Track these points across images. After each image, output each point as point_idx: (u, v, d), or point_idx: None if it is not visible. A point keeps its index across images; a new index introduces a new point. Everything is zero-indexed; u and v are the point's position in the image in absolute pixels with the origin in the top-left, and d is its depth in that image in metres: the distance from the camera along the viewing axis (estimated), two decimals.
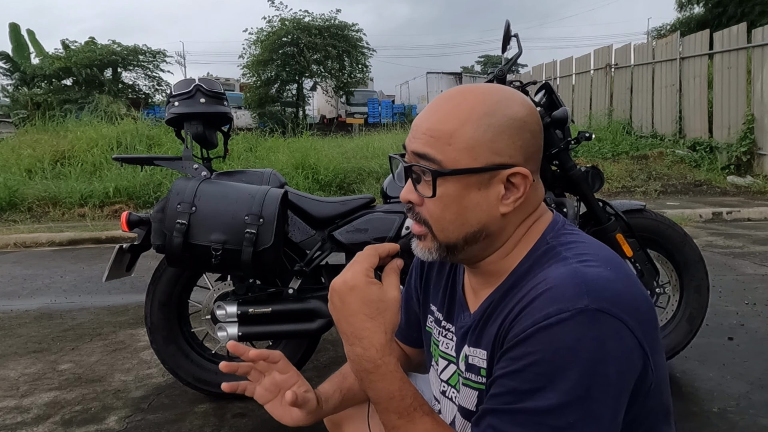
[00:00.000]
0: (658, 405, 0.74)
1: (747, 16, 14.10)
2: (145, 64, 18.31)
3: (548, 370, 0.64)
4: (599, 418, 0.64)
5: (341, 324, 0.75)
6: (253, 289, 2.01)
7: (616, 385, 0.64)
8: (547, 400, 0.64)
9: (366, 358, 0.73)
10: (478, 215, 0.74)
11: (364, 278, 0.74)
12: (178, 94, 1.99)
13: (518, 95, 0.76)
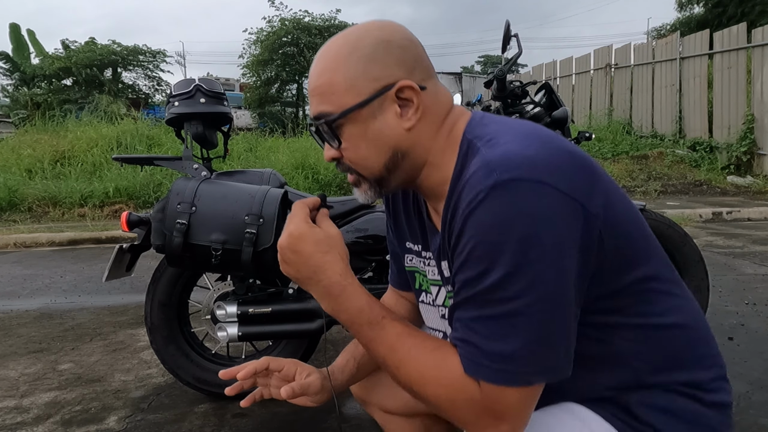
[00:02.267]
0: (631, 253, 0.74)
1: (747, 16, 14.10)
2: (145, 64, 18.31)
3: (485, 250, 0.66)
4: (546, 281, 0.64)
5: (301, 272, 0.77)
6: (253, 289, 2.01)
7: (553, 244, 0.65)
8: (492, 277, 0.65)
9: (331, 285, 0.76)
10: (387, 140, 0.77)
11: (306, 225, 0.78)
12: (178, 94, 1.99)
13: (373, 23, 0.79)
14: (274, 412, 1.99)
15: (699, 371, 0.78)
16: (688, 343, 0.77)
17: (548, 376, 0.67)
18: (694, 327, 0.79)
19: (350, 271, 0.78)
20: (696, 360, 0.78)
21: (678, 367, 0.76)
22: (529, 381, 0.67)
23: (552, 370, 0.67)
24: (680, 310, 0.78)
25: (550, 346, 0.66)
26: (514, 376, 0.66)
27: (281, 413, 1.98)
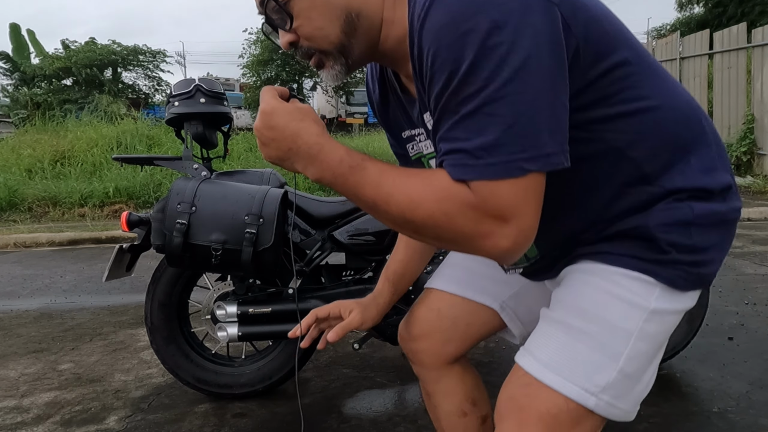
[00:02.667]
0: (603, 40, 0.71)
1: (747, 16, 14.10)
2: (145, 64, 18.31)
3: (444, 55, 0.64)
4: (512, 62, 0.61)
5: (281, 147, 0.73)
6: (253, 289, 2.01)
7: (511, 27, 0.61)
8: (458, 77, 0.63)
9: (310, 146, 0.72)
10: (336, 3, 0.75)
11: (276, 101, 0.75)
12: (178, 94, 1.99)
13: None
14: (274, 412, 2.00)
15: (699, 149, 0.77)
16: (680, 122, 0.76)
17: (540, 162, 0.63)
18: (682, 106, 0.77)
19: (326, 132, 0.74)
20: (693, 138, 0.77)
21: (677, 149, 0.76)
22: (521, 168, 0.62)
23: (543, 156, 0.63)
24: (664, 92, 0.76)
25: (534, 129, 0.62)
26: (503, 166, 0.62)
27: (281, 413, 1.98)
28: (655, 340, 0.77)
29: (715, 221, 0.77)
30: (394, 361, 2.40)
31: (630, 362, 0.75)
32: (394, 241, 2.01)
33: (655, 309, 0.76)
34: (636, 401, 0.79)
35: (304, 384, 2.21)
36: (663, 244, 0.75)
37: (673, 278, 0.76)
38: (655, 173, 0.75)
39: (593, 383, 0.74)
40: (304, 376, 2.27)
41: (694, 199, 0.76)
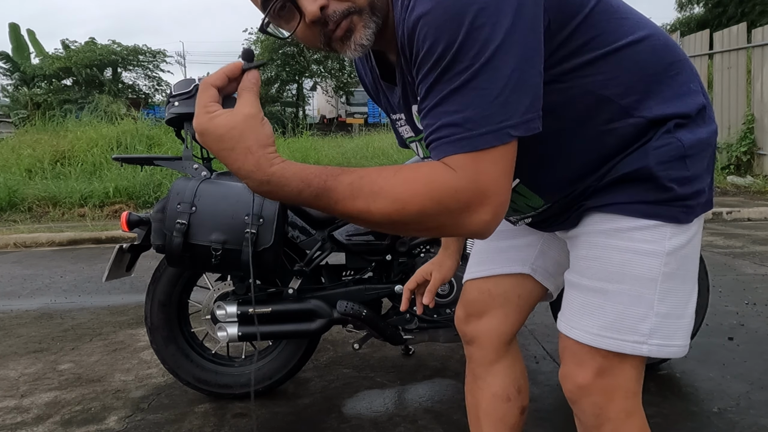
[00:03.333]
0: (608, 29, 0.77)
1: (747, 16, 14.10)
2: (145, 64, 18.33)
3: (433, 37, 0.66)
4: (495, 38, 0.65)
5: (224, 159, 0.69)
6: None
7: (494, 5, 0.65)
8: (447, 55, 0.65)
9: (255, 184, 0.67)
10: None
11: (205, 118, 0.67)
12: (178, 94, 1.99)
13: None
14: (274, 412, 2.00)
15: (670, 76, 0.81)
16: (647, 54, 0.80)
17: (522, 128, 0.67)
18: (648, 39, 0.81)
19: (268, 159, 0.66)
20: (663, 67, 0.81)
21: (648, 80, 0.80)
22: (508, 135, 0.66)
23: (524, 122, 0.67)
24: (629, 29, 0.80)
25: (516, 98, 0.66)
26: (493, 135, 0.65)
27: (281, 413, 1.98)
28: (679, 275, 0.82)
29: (703, 147, 0.82)
30: (394, 361, 2.40)
31: (663, 303, 0.81)
32: (394, 242, 2.02)
33: (671, 250, 0.81)
34: (686, 334, 0.84)
35: (305, 384, 2.21)
36: (665, 181, 0.79)
37: (677, 215, 0.81)
38: (632, 105, 0.79)
39: (640, 333, 0.80)
40: (304, 376, 2.27)
41: (679, 129, 0.80)
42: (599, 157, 0.82)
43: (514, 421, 1.13)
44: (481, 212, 0.67)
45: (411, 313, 2.02)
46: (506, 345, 1.12)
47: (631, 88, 0.79)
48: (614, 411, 0.83)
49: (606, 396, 0.83)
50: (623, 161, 0.81)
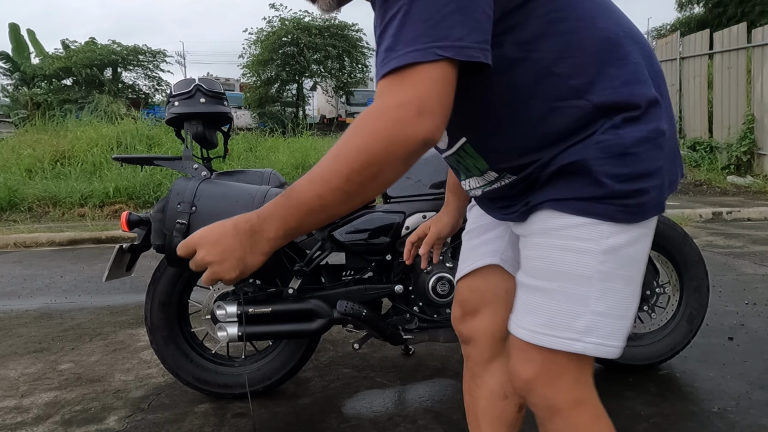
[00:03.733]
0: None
1: (747, 16, 14.10)
2: (145, 64, 18.32)
3: None
4: None
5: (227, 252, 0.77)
6: (253, 289, 2.01)
7: None
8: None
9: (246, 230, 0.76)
10: None
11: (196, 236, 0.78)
12: (178, 94, 1.99)
13: None
14: (274, 411, 2.00)
15: (623, 63, 0.80)
16: (603, 39, 0.80)
17: (453, 50, 0.68)
18: (606, 24, 0.81)
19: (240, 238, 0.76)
20: (617, 54, 0.80)
21: (601, 64, 0.79)
22: (435, 54, 0.67)
23: (456, 46, 0.68)
24: (589, 11, 0.80)
25: (448, 24, 0.68)
26: (420, 52, 0.67)
27: (281, 413, 1.98)
28: (620, 276, 0.82)
29: (649, 146, 0.80)
30: (394, 361, 2.40)
31: (601, 302, 0.81)
32: (394, 241, 2.02)
33: (607, 248, 0.81)
34: (624, 336, 0.84)
35: (305, 384, 2.21)
36: (600, 176, 0.79)
37: (613, 214, 0.80)
38: (581, 87, 0.79)
39: (575, 330, 0.81)
40: (304, 376, 2.27)
41: (626, 124, 0.79)
42: (544, 136, 0.82)
43: (511, 419, 1.14)
44: (415, 122, 0.68)
45: (411, 313, 2.02)
46: (501, 342, 1.12)
47: (582, 69, 0.78)
48: (563, 401, 0.84)
49: (552, 388, 0.84)
50: (566, 152, 0.81)
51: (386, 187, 0.75)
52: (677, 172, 0.86)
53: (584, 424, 0.84)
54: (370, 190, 0.73)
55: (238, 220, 0.77)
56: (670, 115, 0.84)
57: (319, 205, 0.73)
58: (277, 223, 0.75)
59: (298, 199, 0.74)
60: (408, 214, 2.00)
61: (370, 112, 0.71)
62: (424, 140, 0.69)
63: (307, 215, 0.74)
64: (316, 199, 0.73)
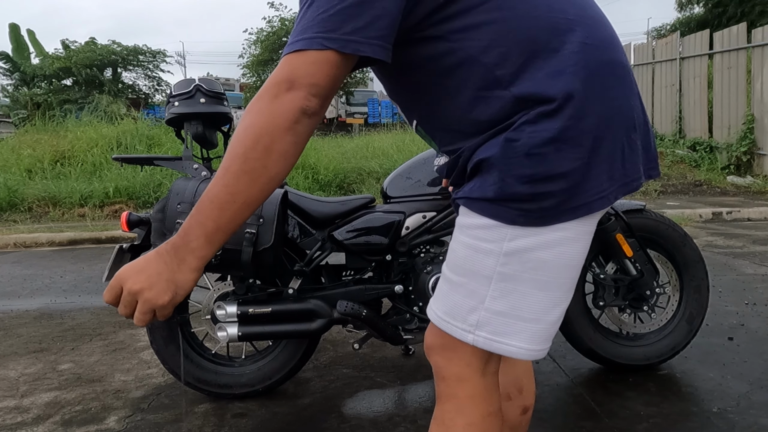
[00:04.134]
0: None
1: (747, 16, 14.10)
2: (145, 64, 18.33)
3: None
4: None
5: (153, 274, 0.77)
6: (253, 289, 2.01)
7: None
8: None
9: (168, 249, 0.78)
10: None
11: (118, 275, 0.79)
12: (178, 94, 1.99)
13: None
14: (274, 411, 2.00)
15: (549, 54, 0.78)
16: (533, 29, 0.79)
17: (338, 43, 0.72)
18: (538, 12, 0.79)
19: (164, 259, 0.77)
20: (545, 44, 0.79)
21: (527, 54, 0.78)
22: (320, 44, 0.72)
23: (342, 39, 0.72)
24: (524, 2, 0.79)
25: (340, 18, 0.72)
26: (308, 41, 0.73)
27: (281, 413, 1.98)
28: (525, 278, 0.82)
29: (557, 147, 0.77)
30: (394, 361, 2.40)
31: (498, 302, 0.83)
32: (394, 242, 2.02)
33: (509, 251, 0.81)
34: (534, 338, 0.85)
35: (304, 384, 2.21)
36: (505, 176, 0.79)
37: (513, 218, 0.80)
38: (505, 78, 0.78)
39: (467, 323, 0.85)
40: (304, 376, 2.27)
41: (540, 120, 0.77)
42: (473, 124, 0.82)
43: (515, 420, 1.14)
44: (292, 95, 0.73)
45: (411, 313, 2.02)
46: None
47: (509, 59, 0.78)
48: (449, 373, 0.89)
49: (443, 359, 0.90)
50: (485, 145, 0.81)
51: (286, 161, 0.76)
52: (631, 173, 0.83)
53: (460, 396, 0.89)
54: (270, 166, 0.75)
55: (159, 246, 0.78)
56: (608, 110, 0.80)
57: (228, 195, 0.75)
58: (196, 231, 0.76)
59: (208, 197, 0.76)
60: (408, 214, 2.00)
61: (257, 94, 0.77)
62: (301, 109, 0.74)
63: (221, 211, 0.75)
64: (223, 190, 0.75)
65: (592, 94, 0.78)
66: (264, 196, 0.77)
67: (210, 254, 0.77)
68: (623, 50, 0.88)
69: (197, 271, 0.77)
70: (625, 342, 2.22)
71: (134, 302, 0.77)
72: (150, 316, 0.77)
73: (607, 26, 0.85)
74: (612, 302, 2.17)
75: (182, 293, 0.77)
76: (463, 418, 0.88)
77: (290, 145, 0.75)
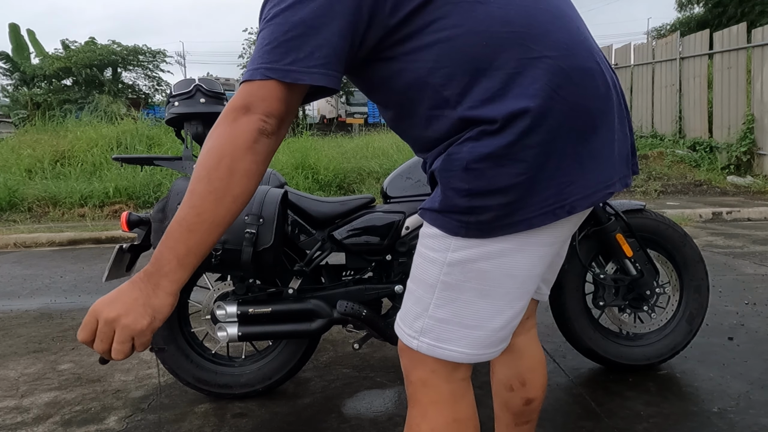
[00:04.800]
0: None
1: (747, 16, 14.11)
2: (145, 64, 18.33)
3: None
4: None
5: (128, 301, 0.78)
6: (253, 289, 2.01)
7: None
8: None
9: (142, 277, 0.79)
10: None
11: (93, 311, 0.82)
12: (178, 94, 1.99)
13: None
14: (274, 411, 2.00)
15: (493, 73, 0.78)
16: (478, 48, 0.78)
17: (279, 73, 0.76)
18: (486, 31, 0.78)
19: (138, 286, 0.78)
20: (490, 64, 0.78)
21: (472, 74, 0.78)
22: (263, 74, 0.77)
23: (282, 69, 0.76)
24: (468, 20, 0.79)
25: (281, 49, 0.77)
26: (253, 71, 0.78)
27: (281, 413, 1.98)
28: (468, 288, 0.85)
29: (495, 162, 0.78)
30: (394, 361, 2.40)
31: (441, 309, 0.86)
32: (394, 242, 2.02)
33: (452, 261, 0.84)
34: (476, 344, 0.87)
35: (305, 384, 2.21)
36: (446, 189, 0.82)
37: (454, 229, 0.83)
38: (453, 98, 0.80)
39: (413, 329, 0.89)
40: (304, 376, 2.27)
41: (481, 138, 0.78)
42: (430, 140, 0.86)
43: (517, 409, 1.18)
44: (248, 117, 0.78)
45: None
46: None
47: (453, 80, 0.79)
48: (414, 378, 0.92)
49: (411, 364, 0.92)
50: (437, 159, 0.84)
51: (249, 180, 0.78)
52: (593, 183, 0.81)
53: (424, 402, 0.91)
54: (234, 185, 0.77)
55: (132, 277, 0.79)
56: (558, 123, 0.78)
57: (195, 216, 0.76)
58: (167, 256, 0.76)
59: (176, 221, 0.77)
60: (408, 214, 2.00)
61: (217, 121, 0.81)
62: (258, 130, 0.78)
63: (189, 233, 0.76)
64: (190, 212, 0.76)
65: (538, 110, 0.77)
66: (230, 216, 0.78)
67: (184, 278, 0.77)
68: (589, 52, 0.83)
69: (173, 296, 0.77)
70: (625, 342, 2.22)
71: (111, 333, 0.77)
72: (128, 345, 0.76)
73: (562, 30, 0.81)
74: (612, 302, 2.17)
75: (160, 318, 0.77)
76: (426, 423, 0.90)
77: (251, 164, 0.78)
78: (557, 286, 2.14)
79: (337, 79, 0.79)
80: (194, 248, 0.76)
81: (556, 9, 0.83)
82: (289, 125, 0.83)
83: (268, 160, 0.81)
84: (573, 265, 2.12)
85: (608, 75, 0.86)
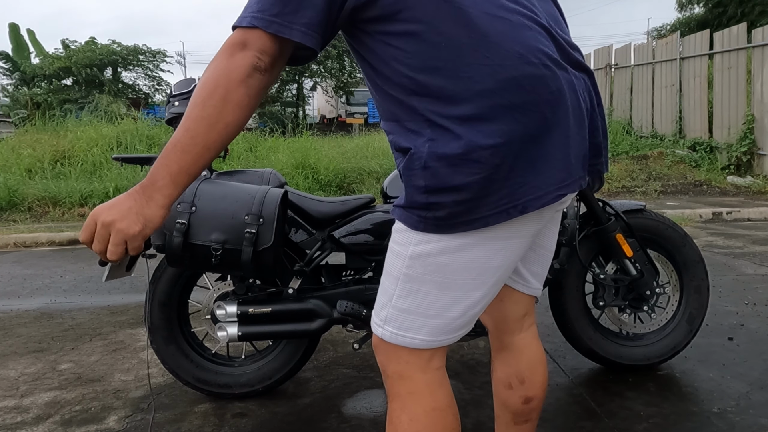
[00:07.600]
0: None
1: (747, 16, 14.11)
2: (145, 63, 18.31)
3: None
4: None
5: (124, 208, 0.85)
6: (253, 289, 2.01)
7: None
8: None
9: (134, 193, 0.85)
10: None
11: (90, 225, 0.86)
12: (178, 94, 1.99)
13: None
14: (274, 411, 2.00)
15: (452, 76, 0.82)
16: (442, 47, 0.82)
17: (263, 22, 0.81)
18: (453, 32, 0.82)
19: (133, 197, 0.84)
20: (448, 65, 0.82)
21: (433, 69, 0.83)
22: (249, 21, 0.82)
23: (267, 20, 0.81)
24: (456, 13, 0.82)
25: (270, 2, 0.81)
26: (241, 18, 0.83)
27: (281, 413, 1.98)
28: (428, 280, 0.90)
29: (452, 162, 0.82)
30: None
31: (404, 300, 0.92)
32: None
33: (413, 255, 0.90)
34: (435, 332, 0.93)
35: (305, 384, 2.21)
36: (407, 186, 0.87)
37: (414, 224, 0.88)
38: (418, 90, 0.84)
39: (380, 318, 0.96)
40: (304, 376, 2.27)
41: (439, 137, 0.83)
42: (400, 126, 0.89)
43: (516, 408, 1.19)
44: (244, 53, 0.83)
45: None
46: (505, 336, 1.17)
47: (419, 74, 0.83)
48: (391, 371, 0.96)
49: (385, 358, 0.97)
50: (402, 158, 0.88)
51: (240, 110, 0.84)
52: (553, 181, 0.85)
53: (402, 394, 0.95)
54: (226, 113, 0.83)
55: (130, 189, 0.87)
56: (513, 127, 0.82)
57: (189, 139, 0.83)
58: (161, 172, 0.84)
59: (172, 142, 0.84)
60: None
61: (215, 55, 0.86)
62: (253, 65, 0.83)
63: (183, 153, 0.83)
64: (185, 135, 0.83)
65: (491, 115, 0.81)
66: (222, 142, 0.84)
67: (176, 194, 0.85)
68: (542, 58, 0.84)
69: (164, 209, 0.85)
70: (625, 342, 2.22)
71: (107, 235, 0.84)
72: (122, 248, 0.84)
73: (517, 39, 0.83)
74: (612, 302, 2.17)
75: (151, 226, 0.84)
76: (405, 414, 0.94)
77: (244, 96, 0.83)
78: (557, 286, 2.14)
79: (316, 39, 0.83)
80: (186, 168, 0.83)
81: (503, 19, 0.84)
82: (280, 70, 0.88)
83: (260, 95, 0.85)
84: (573, 265, 2.12)
85: (564, 80, 0.87)
